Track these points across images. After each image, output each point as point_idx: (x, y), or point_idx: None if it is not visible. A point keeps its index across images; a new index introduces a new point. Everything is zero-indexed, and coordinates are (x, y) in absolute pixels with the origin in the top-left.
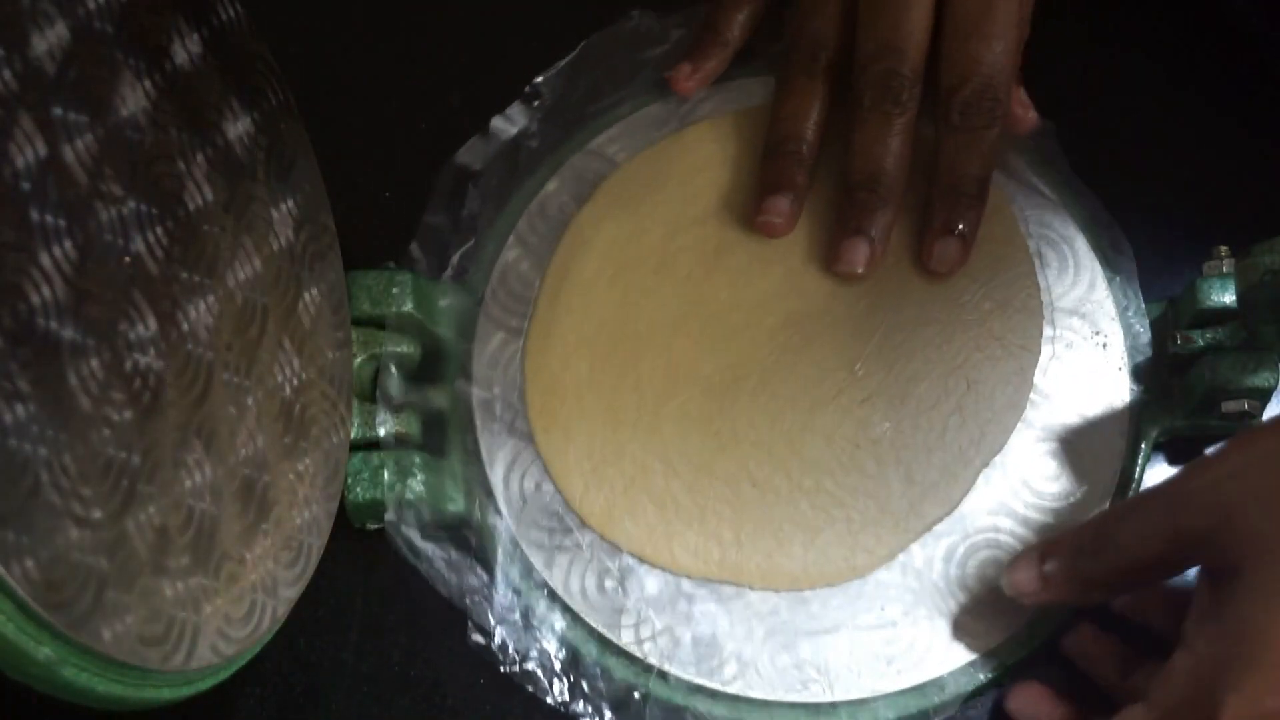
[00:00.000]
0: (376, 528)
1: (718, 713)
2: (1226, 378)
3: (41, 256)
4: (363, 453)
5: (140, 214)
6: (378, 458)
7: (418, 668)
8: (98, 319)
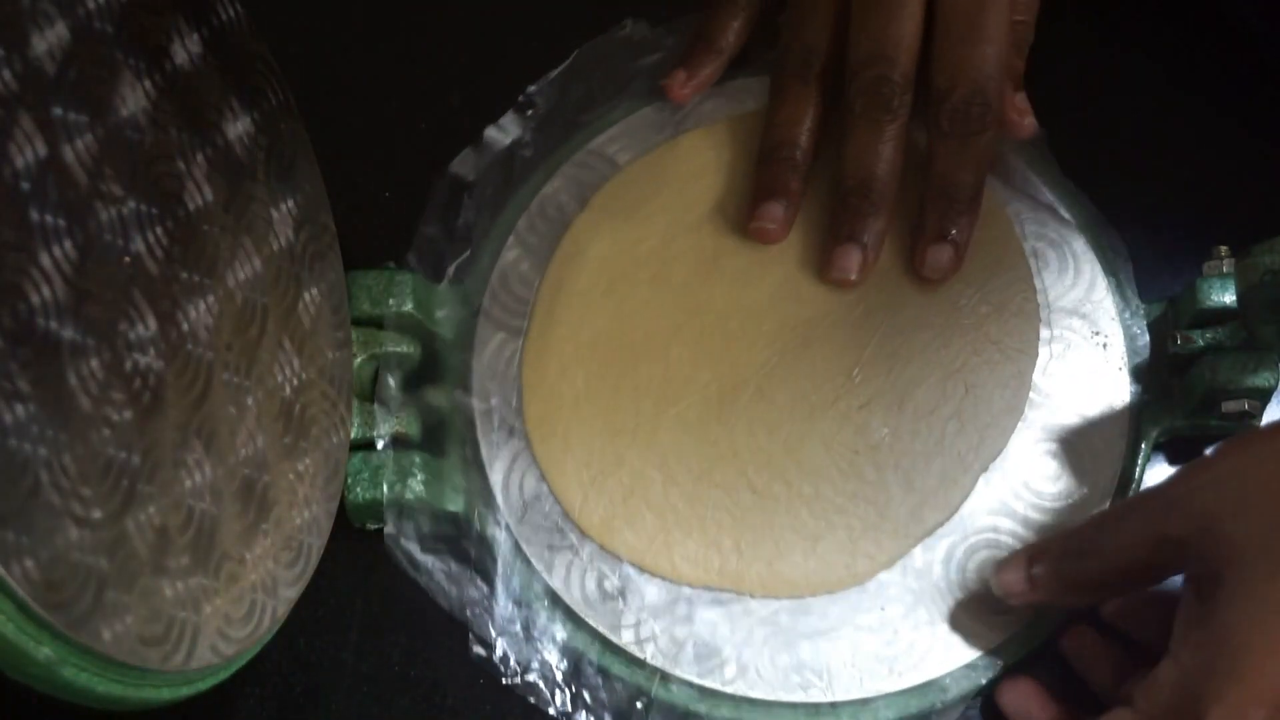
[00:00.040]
0: (376, 528)
1: (719, 714)
2: (1226, 378)
3: (41, 256)
4: (363, 453)
5: (140, 214)
6: (378, 458)
7: (418, 668)
8: (98, 319)
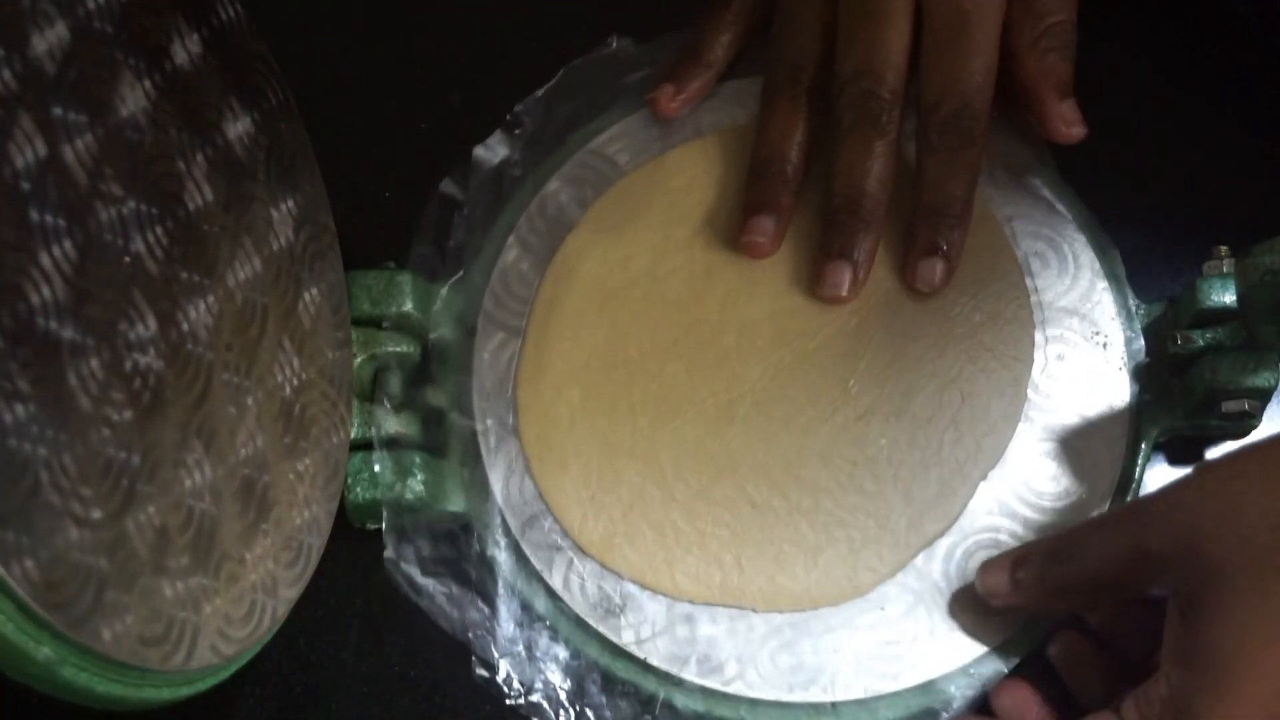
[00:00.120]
0: (376, 528)
1: (720, 715)
2: (1226, 378)
3: (41, 256)
4: (363, 453)
5: (140, 214)
6: (378, 458)
7: (418, 668)
8: (98, 319)
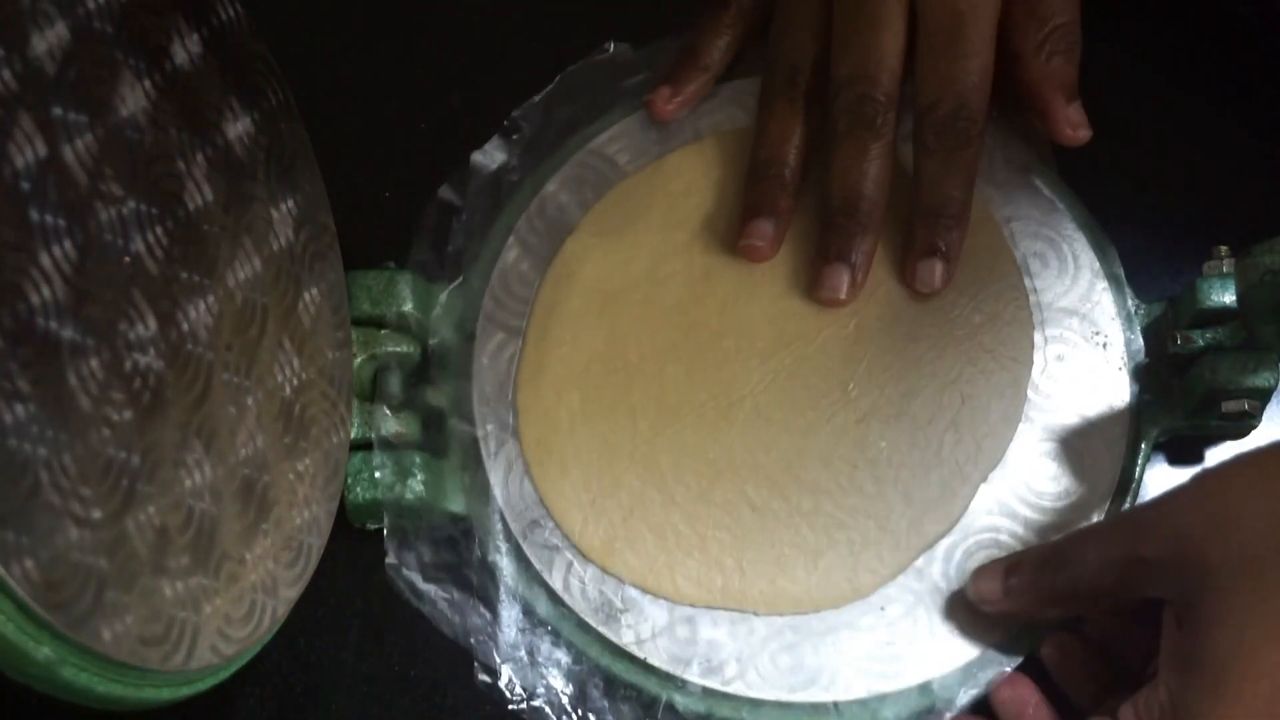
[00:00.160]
0: (376, 528)
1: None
2: (1226, 378)
3: (41, 256)
4: (363, 453)
5: (140, 214)
6: (378, 458)
7: (418, 668)
8: (98, 319)
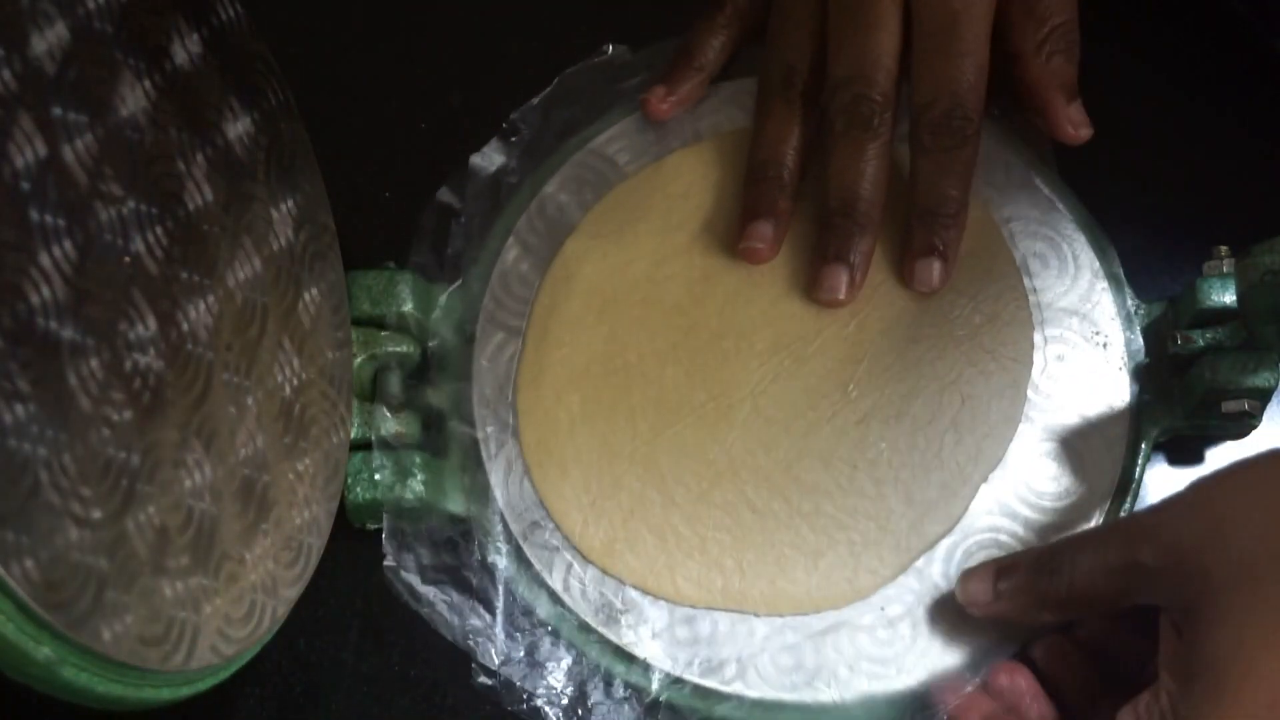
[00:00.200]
0: (376, 528)
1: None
2: (1226, 378)
3: (41, 256)
4: (363, 453)
5: (140, 214)
6: (378, 458)
7: (418, 668)
8: (98, 319)
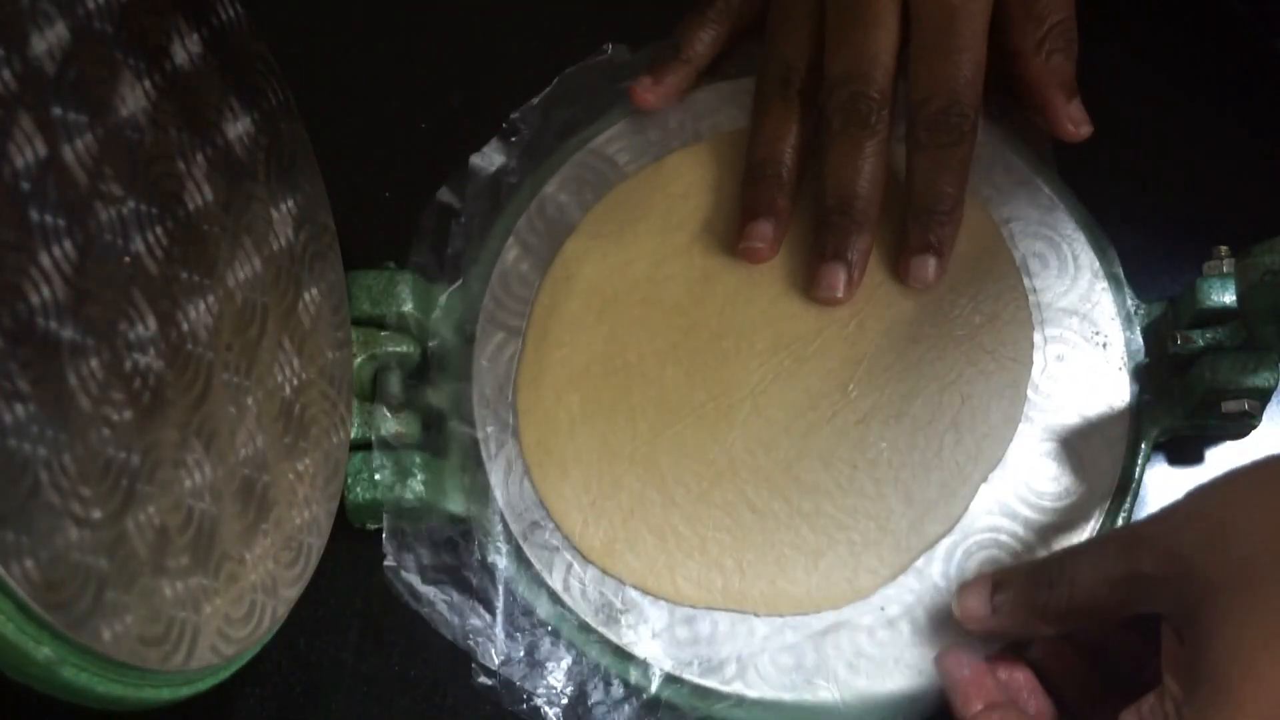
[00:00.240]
0: (376, 528)
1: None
2: (1226, 378)
3: (41, 256)
4: (363, 453)
5: (140, 214)
6: (378, 458)
7: (418, 668)
8: (98, 319)
